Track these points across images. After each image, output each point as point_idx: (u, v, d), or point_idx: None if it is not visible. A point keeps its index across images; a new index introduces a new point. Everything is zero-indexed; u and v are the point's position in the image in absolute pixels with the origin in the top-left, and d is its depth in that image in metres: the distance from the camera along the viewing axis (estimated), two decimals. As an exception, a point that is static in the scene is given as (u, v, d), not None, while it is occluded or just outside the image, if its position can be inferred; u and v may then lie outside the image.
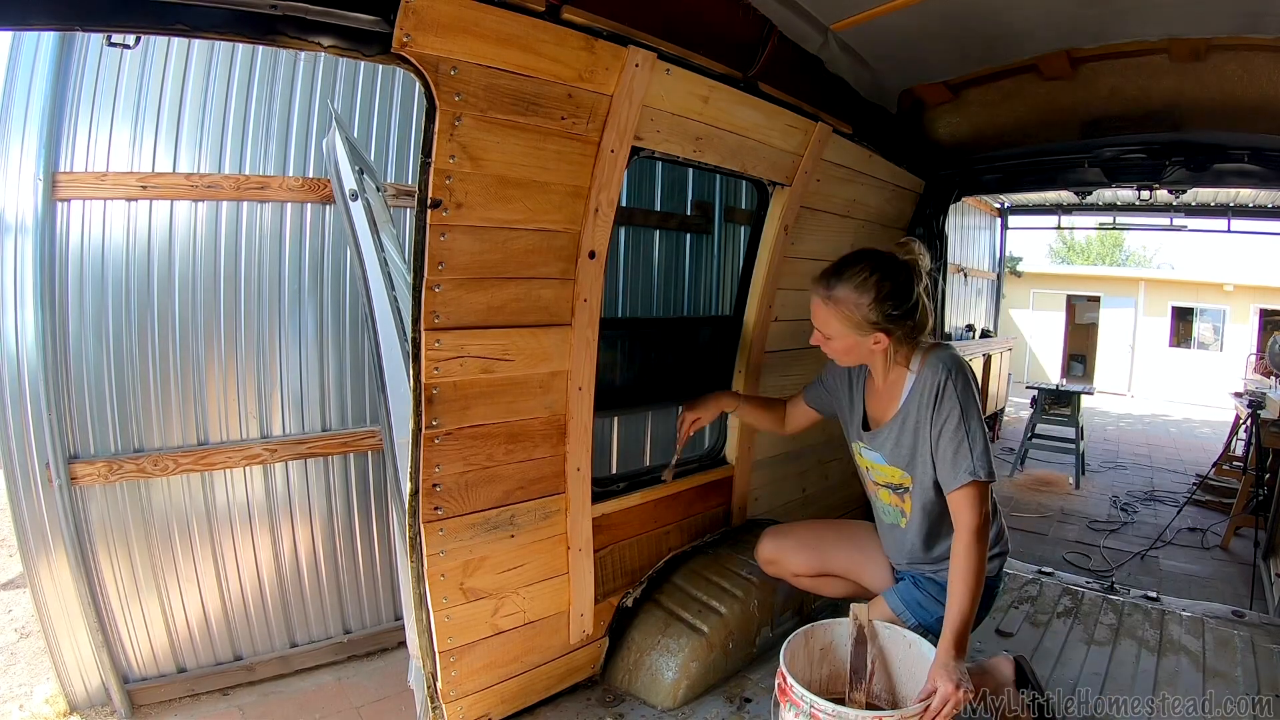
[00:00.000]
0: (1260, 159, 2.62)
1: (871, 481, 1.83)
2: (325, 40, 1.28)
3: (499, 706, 1.85)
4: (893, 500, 1.77)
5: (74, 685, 2.43)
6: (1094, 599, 2.69)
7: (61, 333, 2.30)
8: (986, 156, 3.07)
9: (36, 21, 1.16)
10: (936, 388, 1.60)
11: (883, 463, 1.74)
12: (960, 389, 1.59)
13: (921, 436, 1.63)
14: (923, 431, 1.63)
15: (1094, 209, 8.39)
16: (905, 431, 1.67)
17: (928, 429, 1.61)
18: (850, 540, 2.01)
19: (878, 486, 1.81)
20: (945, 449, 1.58)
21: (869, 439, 1.78)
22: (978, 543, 1.52)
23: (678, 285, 3.63)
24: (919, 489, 1.69)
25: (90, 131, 2.28)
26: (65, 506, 2.29)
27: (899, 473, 1.71)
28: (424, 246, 1.48)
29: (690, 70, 1.81)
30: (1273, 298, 12.13)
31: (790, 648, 1.59)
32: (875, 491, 1.83)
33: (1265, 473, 4.35)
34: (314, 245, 2.68)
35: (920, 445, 1.64)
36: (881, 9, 1.92)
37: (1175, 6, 1.92)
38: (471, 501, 1.70)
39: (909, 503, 1.73)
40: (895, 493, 1.76)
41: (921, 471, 1.67)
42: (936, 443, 1.60)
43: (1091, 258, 22.16)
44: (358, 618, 2.93)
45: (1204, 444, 8.03)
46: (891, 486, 1.76)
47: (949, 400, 1.58)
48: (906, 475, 1.70)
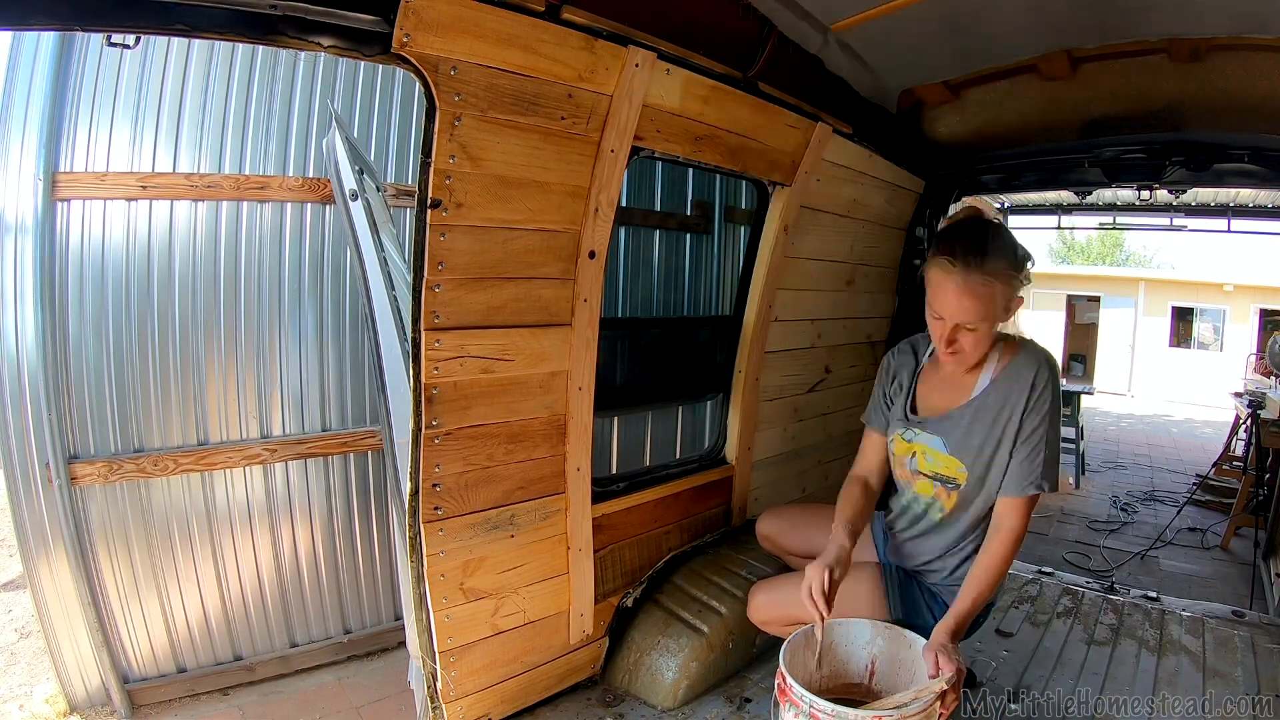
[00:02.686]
0: (1260, 159, 2.62)
1: (910, 470, 1.69)
2: (325, 40, 1.28)
3: (499, 706, 1.85)
4: (933, 492, 1.65)
5: (74, 685, 2.43)
6: (1094, 599, 2.69)
7: (61, 333, 2.30)
8: (986, 156, 3.07)
9: (36, 21, 1.16)
10: (1032, 383, 1.48)
11: (942, 450, 1.60)
12: (1055, 391, 1.49)
13: (1001, 431, 1.51)
14: (1006, 426, 1.50)
15: (1094, 209, 8.38)
16: (980, 421, 1.53)
17: (1015, 425, 1.49)
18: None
19: (916, 475, 1.67)
20: (1022, 450, 1.49)
21: (927, 425, 1.63)
22: (1014, 549, 1.49)
23: (678, 285, 3.63)
24: (971, 485, 1.57)
25: (90, 131, 2.28)
26: (65, 506, 2.29)
27: (956, 464, 1.58)
28: (424, 246, 1.48)
29: (690, 70, 1.82)
30: (1273, 298, 12.13)
31: (790, 648, 1.58)
32: (911, 481, 1.70)
33: (1265, 473, 4.34)
34: (314, 245, 2.68)
35: (994, 440, 1.52)
36: (881, 9, 1.92)
37: (1175, 6, 1.92)
38: (471, 501, 1.70)
39: (952, 499, 1.61)
40: (941, 484, 1.63)
41: (983, 467, 1.55)
42: (1016, 442, 1.50)
43: (1091, 258, 22.18)
44: (358, 618, 2.93)
45: (1204, 444, 8.03)
46: (938, 478, 1.63)
47: (1044, 400, 1.48)
48: (963, 469, 1.57)
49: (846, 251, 2.87)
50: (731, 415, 2.56)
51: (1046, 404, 1.49)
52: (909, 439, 1.68)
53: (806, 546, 1.99)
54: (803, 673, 1.63)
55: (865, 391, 1.93)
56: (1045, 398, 1.49)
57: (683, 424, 3.68)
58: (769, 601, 1.80)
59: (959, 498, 1.61)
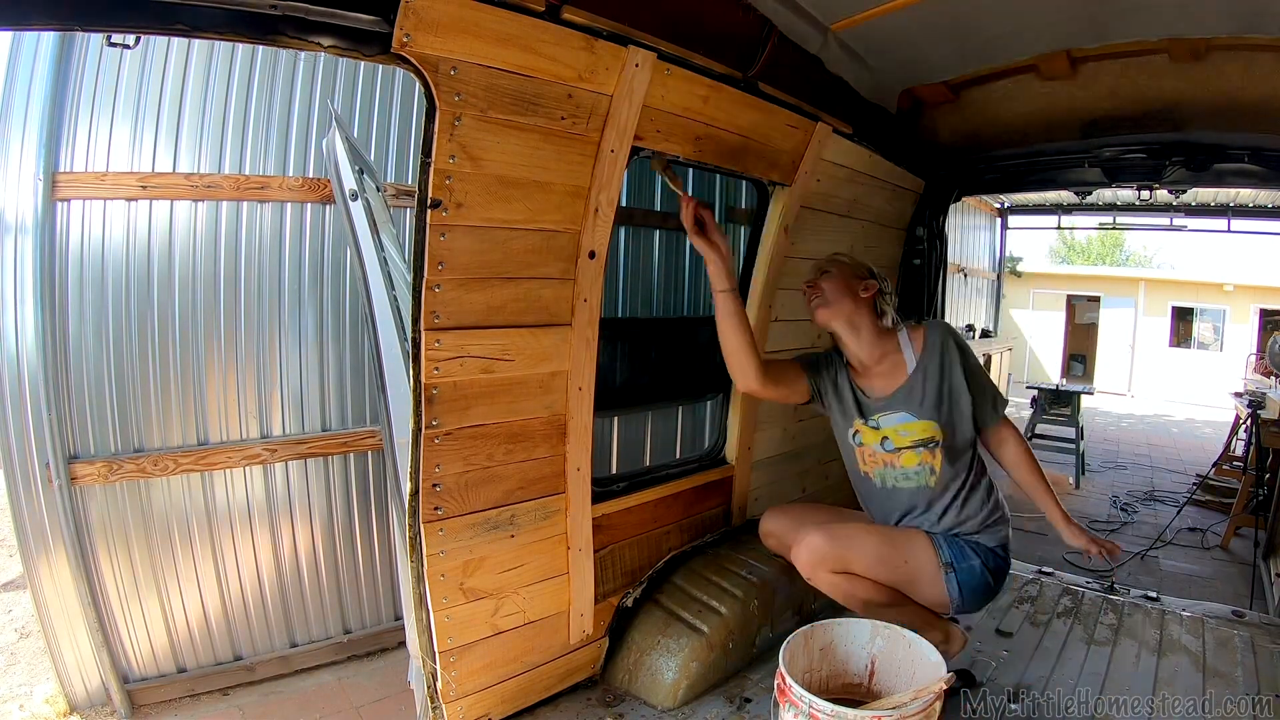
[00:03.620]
0: (1260, 159, 2.62)
1: (888, 450, 1.88)
2: (325, 40, 1.28)
3: (499, 706, 1.85)
4: (921, 459, 1.85)
5: (74, 685, 2.43)
6: (1094, 599, 2.69)
7: (61, 333, 2.30)
8: (986, 156, 3.07)
9: (36, 21, 1.16)
10: (948, 339, 1.87)
11: (913, 419, 1.84)
12: (962, 340, 1.90)
13: (950, 380, 1.85)
14: (951, 375, 1.85)
15: (1094, 209, 8.40)
16: (929, 380, 1.85)
17: (958, 371, 1.85)
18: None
19: (898, 452, 1.86)
20: (981, 386, 1.87)
21: (884, 405, 1.89)
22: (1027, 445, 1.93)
23: (678, 285, 3.63)
24: (950, 435, 1.84)
25: (90, 131, 2.28)
26: (65, 506, 2.30)
27: (931, 425, 1.83)
28: (424, 246, 1.48)
29: (690, 70, 1.81)
30: (1273, 298, 12.12)
31: (790, 648, 1.59)
32: (894, 460, 1.88)
33: (1265, 473, 4.34)
34: (314, 245, 2.68)
35: (949, 388, 1.84)
36: (881, 9, 1.92)
37: (1175, 6, 1.92)
38: (471, 501, 1.70)
39: (939, 457, 1.83)
40: (926, 448, 1.84)
41: (955, 414, 1.85)
42: (969, 380, 1.85)
43: (1092, 258, 22.15)
44: (358, 618, 2.93)
45: (1204, 444, 8.03)
46: (922, 443, 1.84)
47: (964, 352, 1.87)
48: (938, 427, 1.83)
49: (846, 251, 2.86)
50: (731, 415, 2.56)
51: (968, 353, 1.90)
52: (874, 425, 1.90)
53: None
54: (802, 673, 1.63)
55: (866, 391, 1.96)
56: (964, 349, 1.89)
57: (683, 424, 3.69)
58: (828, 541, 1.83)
59: (944, 451, 1.84)
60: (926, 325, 1.93)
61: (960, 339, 1.90)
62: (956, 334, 1.91)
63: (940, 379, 1.85)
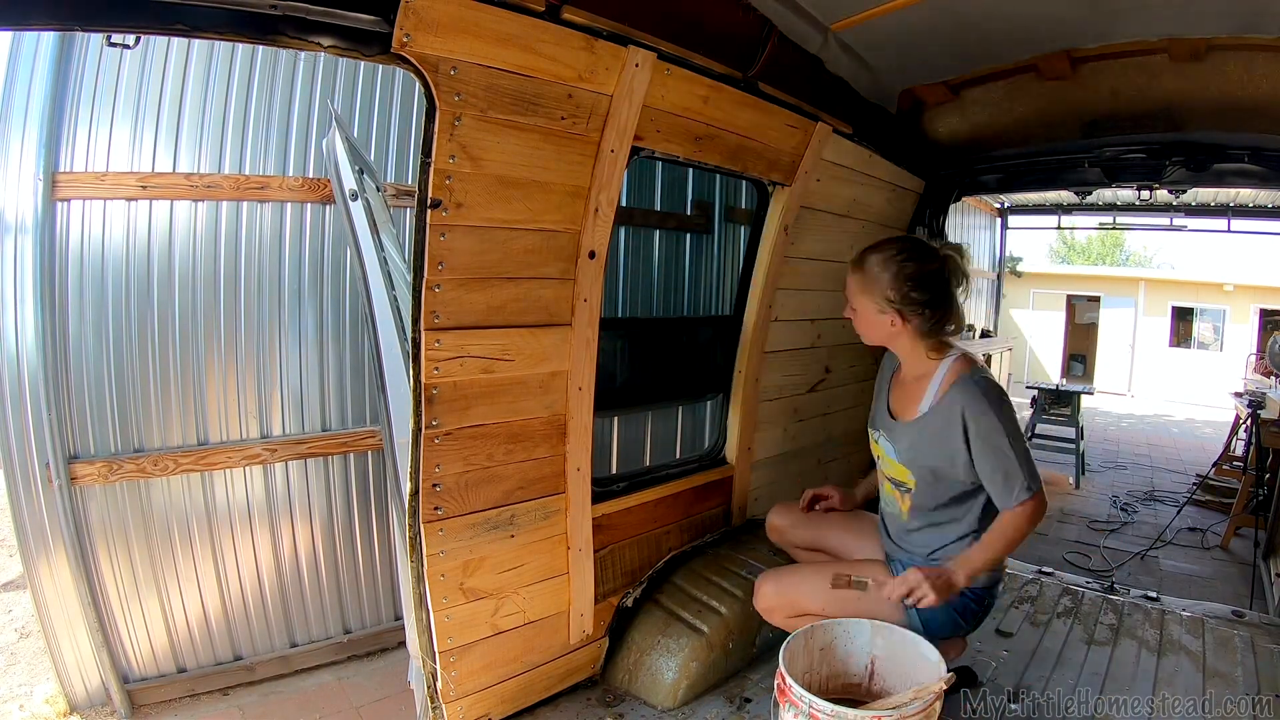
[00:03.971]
0: (1260, 159, 2.62)
1: (880, 469, 1.87)
2: (325, 40, 1.28)
3: (499, 706, 1.85)
4: (893, 493, 1.82)
5: (74, 685, 2.43)
6: (1094, 599, 2.69)
7: (61, 333, 2.29)
8: (986, 156, 3.07)
9: (36, 21, 1.16)
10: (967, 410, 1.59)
11: (893, 457, 1.76)
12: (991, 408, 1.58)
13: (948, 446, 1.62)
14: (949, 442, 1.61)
15: (1094, 209, 8.39)
16: (925, 431, 1.67)
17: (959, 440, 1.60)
18: (847, 525, 2.05)
19: (883, 476, 1.86)
20: (992, 466, 1.58)
21: (888, 429, 1.78)
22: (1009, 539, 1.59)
23: (678, 285, 3.63)
24: (921, 491, 1.72)
25: (90, 131, 2.28)
26: (65, 506, 2.29)
27: (905, 471, 1.74)
28: (424, 246, 1.48)
29: (690, 70, 1.81)
30: (1273, 298, 12.11)
31: (790, 648, 1.59)
32: (881, 480, 1.88)
33: (1265, 473, 4.34)
34: (314, 245, 2.68)
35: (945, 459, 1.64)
36: (881, 9, 1.92)
37: (1175, 6, 1.92)
38: (471, 501, 1.70)
39: (907, 502, 1.77)
40: (896, 488, 1.79)
41: (930, 479, 1.69)
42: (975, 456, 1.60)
43: (1092, 258, 22.14)
44: (358, 618, 2.93)
45: (1204, 444, 8.02)
46: (894, 481, 1.79)
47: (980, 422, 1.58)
48: (912, 477, 1.73)
49: (846, 251, 2.85)
50: (731, 415, 2.56)
51: (984, 431, 1.58)
52: (877, 440, 1.84)
53: (816, 540, 2.07)
54: (802, 673, 1.63)
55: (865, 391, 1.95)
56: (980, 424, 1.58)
57: (683, 424, 3.69)
58: (776, 590, 1.86)
59: (911, 500, 1.75)
60: (959, 380, 1.63)
61: (979, 410, 1.59)
62: (979, 404, 1.59)
63: (938, 440, 1.65)
